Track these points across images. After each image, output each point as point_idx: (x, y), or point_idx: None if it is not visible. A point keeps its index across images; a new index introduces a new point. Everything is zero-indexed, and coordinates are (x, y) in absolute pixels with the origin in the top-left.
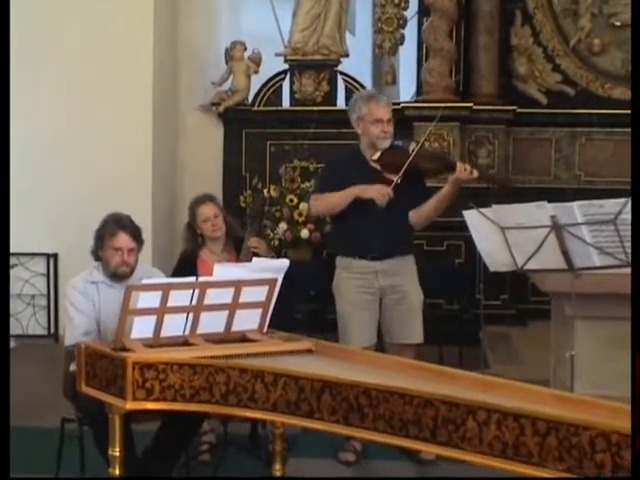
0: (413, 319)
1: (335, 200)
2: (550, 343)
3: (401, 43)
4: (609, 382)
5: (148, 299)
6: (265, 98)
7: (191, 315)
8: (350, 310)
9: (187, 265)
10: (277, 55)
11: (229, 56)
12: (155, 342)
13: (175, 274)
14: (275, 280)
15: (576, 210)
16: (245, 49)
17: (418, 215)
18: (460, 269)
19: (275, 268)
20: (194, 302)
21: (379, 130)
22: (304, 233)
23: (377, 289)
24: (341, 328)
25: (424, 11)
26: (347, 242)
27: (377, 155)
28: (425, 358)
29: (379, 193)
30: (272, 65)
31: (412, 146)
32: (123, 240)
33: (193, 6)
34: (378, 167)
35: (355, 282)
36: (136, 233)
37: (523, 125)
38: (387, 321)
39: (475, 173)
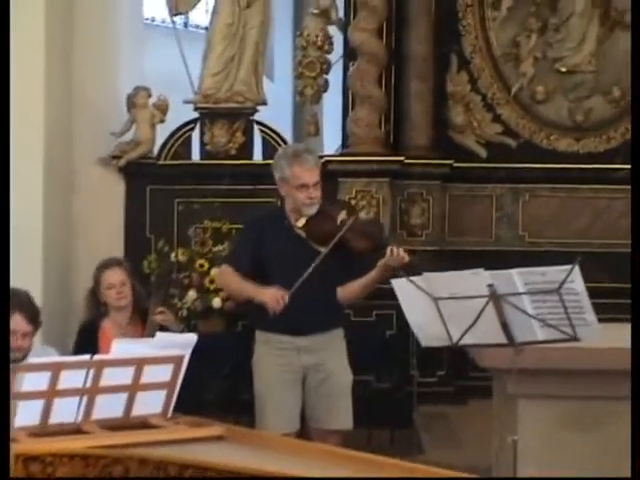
0: (340, 401)
1: (233, 288)
2: (492, 423)
3: (325, 90)
4: (555, 465)
5: (35, 381)
6: (172, 150)
7: (85, 398)
8: (269, 391)
9: (88, 338)
10: (186, 102)
11: (131, 103)
12: (42, 430)
13: (77, 350)
14: (182, 357)
15: (516, 278)
16: (149, 95)
17: (344, 294)
18: (391, 342)
19: (182, 343)
20: (88, 383)
21: (304, 196)
22: (216, 302)
23: (299, 367)
24: (258, 411)
25: (350, 54)
26: (266, 315)
27: (302, 222)
28: (352, 443)
29: (274, 298)
30: (180, 113)
31: (341, 216)
32: (18, 323)
33: (89, 48)
34: (303, 234)
35: (275, 359)
36: (34, 315)
37: (460, 180)
38: (311, 403)
39: (406, 258)
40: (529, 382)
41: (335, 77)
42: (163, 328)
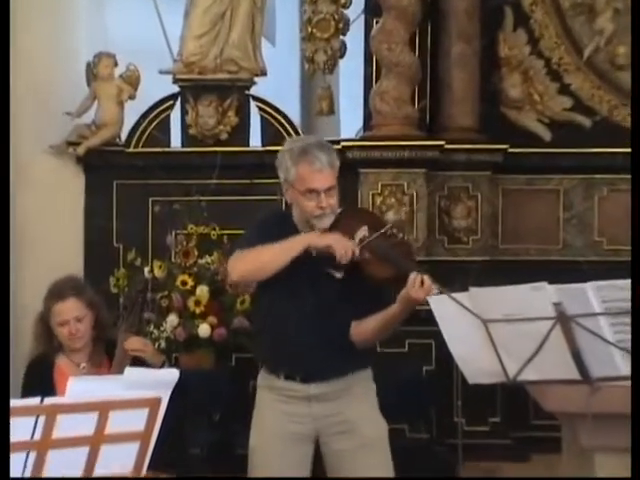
0: (369, 459)
1: (272, 254)
2: None
3: (341, 55)
4: None
5: None
6: (146, 135)
7: (33, 454)
8: (267, 444)
9: (39, 377)
10: (162, 73)
11: (91, 74)
12: None
13: (26, 392)
14: (159, 400)
15: (591, 294)
16: (115, 64)
17: (358, 331)
18: (430, 380)
19: (159, 382)
20: (38, 434)
21: (313, 205)
22: (203, 329)
23: (310, 419)
24: (252, 468)
25: (373, 10)
26: (269, 352)
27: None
28: None
29: (342, 246)
30: (155, 87)
31: (361, 232)
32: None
33: (35, 5)
34: (314, 252)
35: (279, 405)
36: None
37: (517, 171)
38: (332, 464)
39: (434, 290)
40: (608, 431)
41: (354, 39)
42: (135, 362)
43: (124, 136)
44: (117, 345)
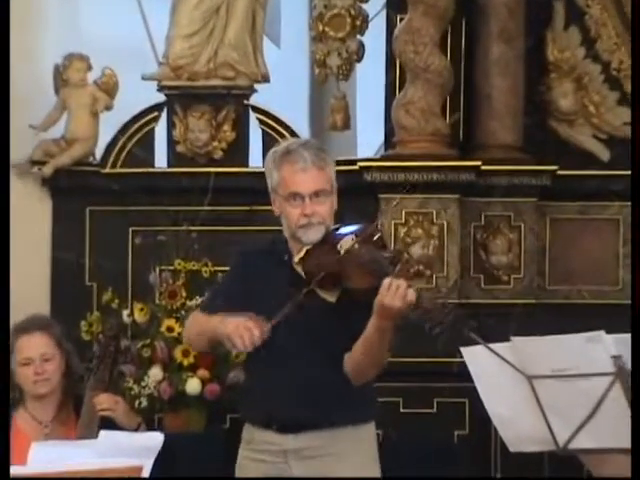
0: None
1: (194, 332)
2: None
3: (358, 59)
4: None
5: None
6: (125, 153)
7: None
8: None
9: None
10: (145, 79)
11: (61, 80)
12: None
13: None
14: (139, 469)
15: None
16: (89, 68)
17: (348, 361)
18: (462, 446)
19: (140, 448)
20: None
21: (297, 213)
22: (192, 385)
23: None
24: None
25: (397, 4)
26: (249, 400)
27: (301, 254)
28: None
29: (237, 331)
30: (136, 96)
31: (345, 243)
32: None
33: None
34: (303, 274)
35: (259, 466)
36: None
37: (568, 197)
38: None
39: (410, 295)
40: None
41: (374, 39)
42: (110, 424)
43: (99, 154)
44: (84, 404)
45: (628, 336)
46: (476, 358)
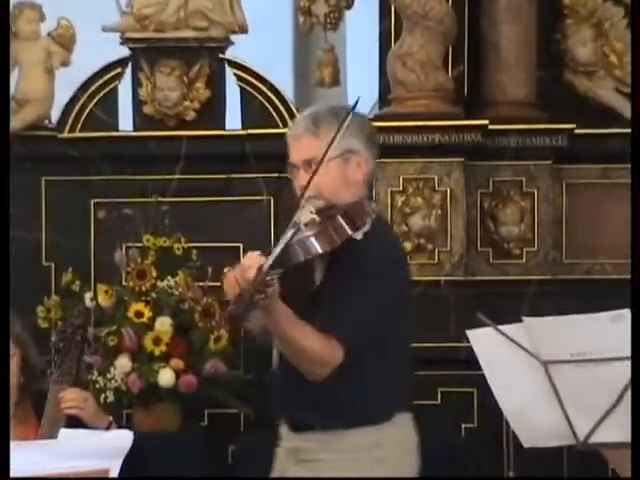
0: None
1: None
2: None
3: (348, 6)
4: None
5: None
6: (85, 115)
7: None
8: None
9: None
10: (106, 31)
11: (10, 33)
12: None
13: None
14: (106, 472)
15: None
16: (42, 18)
17: None
18: (471, 442)
19: (107, 448)
20: None
21: (296, 185)
22: (165, 377)
23: None
24: None
25: None
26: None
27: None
28: None
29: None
30: (97, 50)
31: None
32: None
33: None
34: None
35: (276, 461)
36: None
37: (588, 160)
38: None
39: (251, 271)
40: None
41: None
42: (72, 423)
43: (55, 117)
44: (47, 400)
45: None
46: (484, 342)
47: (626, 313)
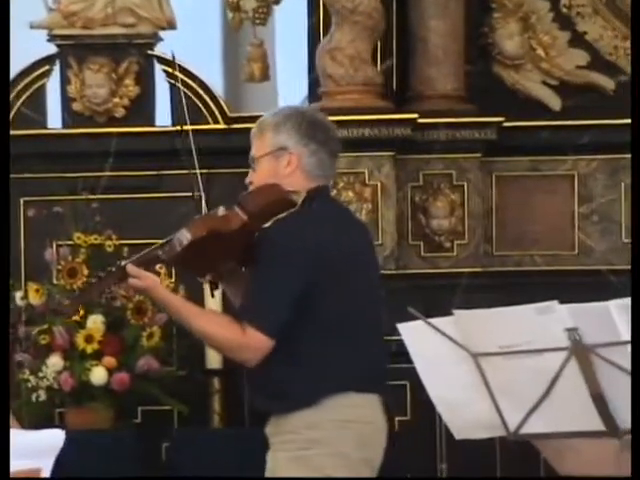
0: None
1: None
2: None
3: (277, 1)
4: None
5: None
6: (13, 113)
7: None
8: None
9: None
10: (34, 27)
11: None
12: None
13: None
14: (38, 471)
15: (617, 316)
16: None
17: None
18: (403, 435)
19: (38, 447)
20: None
21: None
22: (98, 375)
23: None
24: None
25: None
26: None
27: None
28: None
29: None
30: (24, 47)
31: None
32: None
33: None
34: None
35: None
36: None
37: (517, 152)
38: None
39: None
40: None
41: None
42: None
43: None
44: None
45: (585, 306)
46: (415, 335)
47: (553, 305)
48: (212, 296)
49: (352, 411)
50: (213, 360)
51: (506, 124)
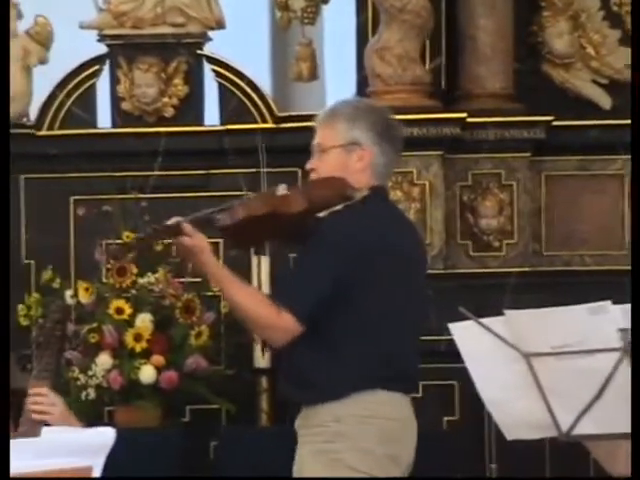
0: None
1: None
2: None
3: (325, 0)
4: None
5: None
6: (63, 113)
7: None
8: None
9: None
10: (84, 28)
11: None
12: None
13: None
14: (89, 470)
15: None
16: (19, 16)
17: None
18: (453, 435)
19: (89, 446)
20: None
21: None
22: (146, 373)
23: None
24: None
25: None
26: None
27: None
28: None
29: None
30: (74, 47)
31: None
32: None
33: None
34: None
35: None
36: None
37: (566, 151)
38: None
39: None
40: None
41: None
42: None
43: (33, 114)
44: (27, 396)
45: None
46: (466, 335)
47: (607, 305)
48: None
49: (375, 407)
50: (261, 359)
51: (555, 123)
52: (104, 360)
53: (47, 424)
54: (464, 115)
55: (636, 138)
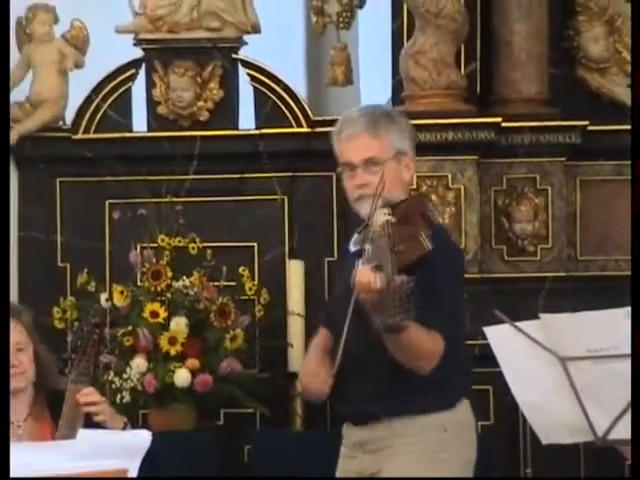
0: None
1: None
2: None
3: (360, 5)
4: None
5: None
6: (99, 116)
7: None
8: None
9: None
10: (119, 32)
11: (24, 35)
12: None
13: None
14: (124, 472)
15: None
16: (56, 20)
17: None
18: (487, 439)
19: (125, 448)
20: None
21: (352, 184)
22: (181, 376)
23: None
24: None
25: None
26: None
27: (355, 235)
28: None
29: (360, 282)
30: (110, 51)
31: (383, 215)
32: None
33: None
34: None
35: (341, 460)
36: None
37: (601, 156)
38: None
39: (375, 283)
40: None
41: None
42: (91, 423)
43: (69, 118)
44: (65, 400)
45: None
46: (501, 339)
47: None
48: None
49: (467, 414)
50: (295, 363)
51: (590, 128)
52: (139, 363)
53: (93, 421)
54: (499, 120)
55: (636, 140)
